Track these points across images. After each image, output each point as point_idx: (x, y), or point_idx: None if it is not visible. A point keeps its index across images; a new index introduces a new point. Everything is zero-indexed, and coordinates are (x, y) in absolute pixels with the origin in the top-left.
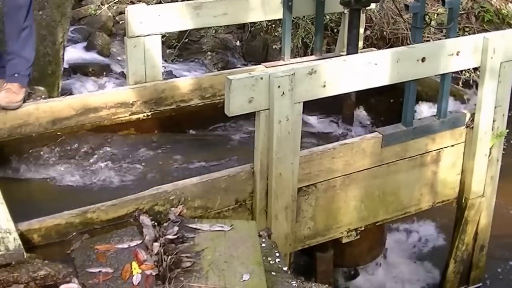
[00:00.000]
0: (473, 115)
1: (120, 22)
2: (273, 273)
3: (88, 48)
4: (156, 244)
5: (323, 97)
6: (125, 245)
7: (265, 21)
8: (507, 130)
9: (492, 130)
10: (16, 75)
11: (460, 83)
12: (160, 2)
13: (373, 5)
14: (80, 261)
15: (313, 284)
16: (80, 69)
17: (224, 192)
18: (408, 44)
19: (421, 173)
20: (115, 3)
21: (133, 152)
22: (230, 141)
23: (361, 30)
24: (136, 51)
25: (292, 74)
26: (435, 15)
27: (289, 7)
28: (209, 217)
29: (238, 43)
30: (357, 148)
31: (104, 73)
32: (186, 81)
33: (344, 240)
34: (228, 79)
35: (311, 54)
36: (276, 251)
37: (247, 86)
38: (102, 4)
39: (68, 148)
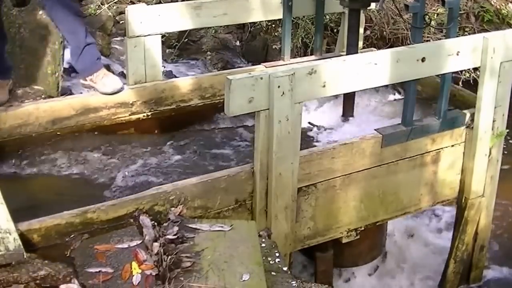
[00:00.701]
0: (473, 115)
1: (120, 22)
2: (273, 273)
3: None
4: (156, 244)
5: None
6: (125, 245)
7: (265, 21)
8: (507, 130)
9: (492, 130)
10: (98, 59)
11: (460, 83)
12: (160, 2)
13: (373, 5)
14: (80, 261)
15: (313, 284)
16: None
17: (224, 192)
18: (408, 44)
19: (421, 173)
20: (115, 3)
21: (132, 151)
22: (230, 140)
23: (361, 30)
24: (136, 51)
25: (292, 74)
26: (435, 15)
27: (289, 7)
28: (209, 217)
29: (238, 43)
30: (357, 148)
31: None
32: (186, 81)
33: (344, 240)
34: (228, 79)
35: (311, 54)
36: (276, 251)
37: (247, 86)
38: (102, 4)
39: (68, 147)
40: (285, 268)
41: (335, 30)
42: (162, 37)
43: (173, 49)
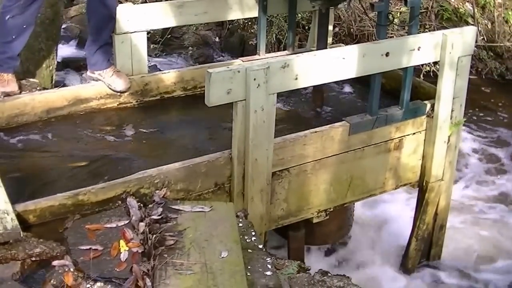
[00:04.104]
0: (433, 105)
1: None
2: (249, 250)
3: (79, 44)
4: (142, 224)
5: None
6: (114, 225)
7: (242, 19)
8: (464, 119)
9: (451, 119)
10: (110, 58)
11: (421, 75)
12: (146, 2)
13: (341, 4)
14: (72, 240)
15: (286, 261)
16: (72, 63)
17: (205, 176)
18: (373, 40)
19: (385, 159)
20: None
21: (118, 135)
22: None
23: (330, 27)
24: (123, 46)
25: (267, 68)
26: (398, 13)
27: (264, 6)
28: (191, 199)
29: (217, 39)
30: (327, 136)
31: None
32: (170, 74)
33: (315, 220)
34: (208, 72)
35: (284, 49)
36: (252, 230)
37: (226, 78)
38: None
39: (62, 132)
40: (260, 246)
41: (306, 27)
42: (148, 33)
43: (157, 45)
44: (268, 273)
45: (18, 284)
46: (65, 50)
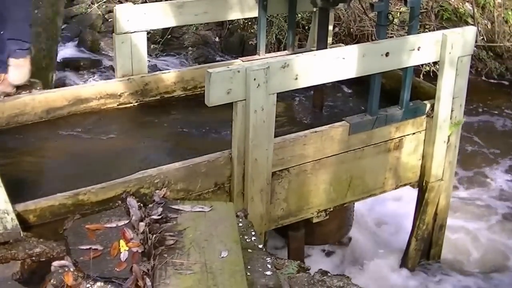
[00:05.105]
0: (432, 105)
1: (109, 20)
2: (249, 250)
3: (79, 44)
4: (142, 224)
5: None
6: (114, 225)
7: (242, 19)
8: (464, 119)
9: (451, 119)
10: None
11: (421, 75)
12: (146, 1)
13: (341, 4)
14: (72, 240)
15: (286, 261)
16: (72, 63)
17: (204, 176)
18: (373, 40)
19: (385, 159)
20: (104, 2)
21: (119, 136)
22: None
23: (330, 27)
24: (123, 46)
25: (267, 68)
26: (398, 13)
27: (264, 6)
28: (191, 199)
29: (217, 39)
30: (327, 136)
31: (94, 67)
32: (170, 74)
33: (315, 220)
34: (208, 72)
35: (284, 49)
36: (252, 230)
37: (226, 78)
38: (92, 3)
39: (62, 132)
40: (260, 246)
41: (306, 27)
42: (148, 33)
43: (157, 45)
44: (268, 273)
45: (18, 284)
46: (65, 50)
